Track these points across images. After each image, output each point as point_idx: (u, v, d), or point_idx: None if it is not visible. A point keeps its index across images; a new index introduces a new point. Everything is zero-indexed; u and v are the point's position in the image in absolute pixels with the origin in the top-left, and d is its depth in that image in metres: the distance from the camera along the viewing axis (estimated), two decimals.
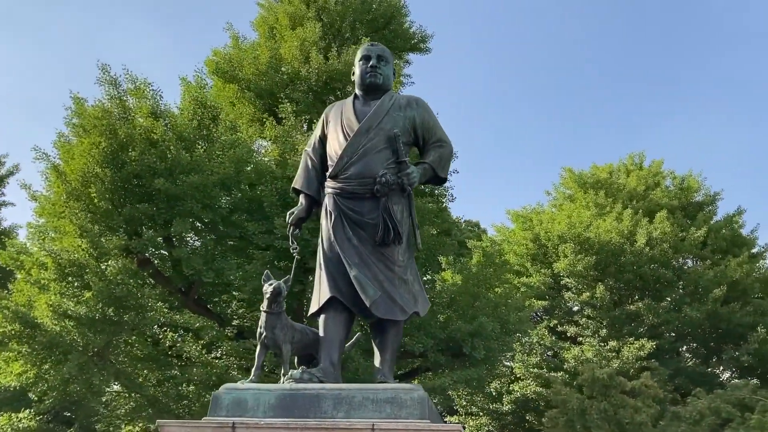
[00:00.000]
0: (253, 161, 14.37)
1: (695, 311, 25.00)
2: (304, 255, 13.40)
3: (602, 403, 15.10)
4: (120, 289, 12.56)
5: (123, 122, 13.88)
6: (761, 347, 23.63)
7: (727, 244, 29.48)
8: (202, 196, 13.43)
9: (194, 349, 13.00)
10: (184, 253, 13.40)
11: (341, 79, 17.46)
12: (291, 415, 6.60)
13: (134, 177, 13.72)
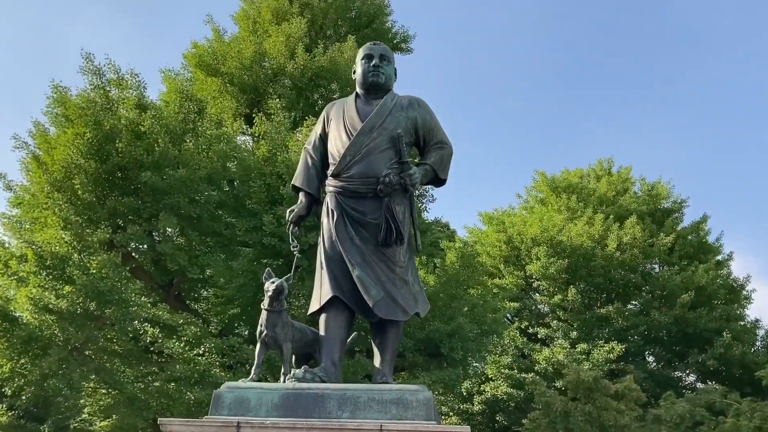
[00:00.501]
0: (240, 157, 14.19)
1: (663, 315, 25.52)
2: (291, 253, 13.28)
3: (587, 406, 15.33)
4: (105, 284, 12.29)
5: (108, 113, 13.59)
6: (726, 352, 24.21)
7: (693, 250, 30.13)
8: (188, 190, 13.23)
9: (177, 345, 12.80)
10: (169, 248, 13.17)
11: (326, 76, 17.38)
12: (295, 414, 6.56)
13: (119, 169, 13.45)
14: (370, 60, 8.31)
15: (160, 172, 13.12)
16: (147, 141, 13.40)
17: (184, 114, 14.30)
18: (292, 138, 14.29)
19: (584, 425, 14.67)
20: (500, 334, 20.15)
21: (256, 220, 13.50)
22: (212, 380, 12.81)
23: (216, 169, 13.70)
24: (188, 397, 13.17)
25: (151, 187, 13.12)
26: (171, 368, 12.93)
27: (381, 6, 21.87)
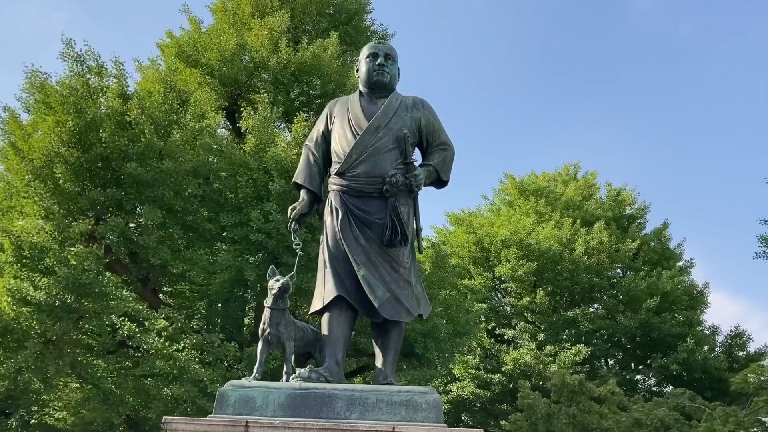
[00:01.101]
0: (226, 151, 13.95)
1: (628, 320, 26.00)
2: (277, 249, 13.16)
3: (571, 408, 15.52)
4: (86, 276, 11.95)
5: (90, 101, 13.21)
6: (689, 357, 24.79)
7: (657, 256, 30.78)
8: (173, 183, 12.94)
9: (156, 341, 12.52)
10: (152, 241, 12.88)
11: (309, 71, 17.20)
12: (302, 414, 6.47)
13: (101, 160, 13.08)
14: (375, 59, 8.26)
15: (144, 163, 12.81)
16: (132, 131, 13.07)
17: (168, 105, 13.99)
18: (279, 134, 14.11)
19: (567, 428, 14.86)
20: (473, 334, 20.29)
21: (242, 215, 13.30)
22: (190, 377, 12.58)
23: (202, 162, 13.44)
24: (165, 393, 12.90)
25: (135, 178, 12.80)
26: (150, 364, 12.65)
27: (362, 3, 21.80)
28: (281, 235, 12.87)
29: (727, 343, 28.83)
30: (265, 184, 13.36)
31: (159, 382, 13.01)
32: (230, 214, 13.42)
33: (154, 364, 12.51)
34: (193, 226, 13.74)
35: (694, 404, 17.03)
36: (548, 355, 24.29)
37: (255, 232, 12.91)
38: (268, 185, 13.21)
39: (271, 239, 13.00)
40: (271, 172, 13.41)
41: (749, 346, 29.16)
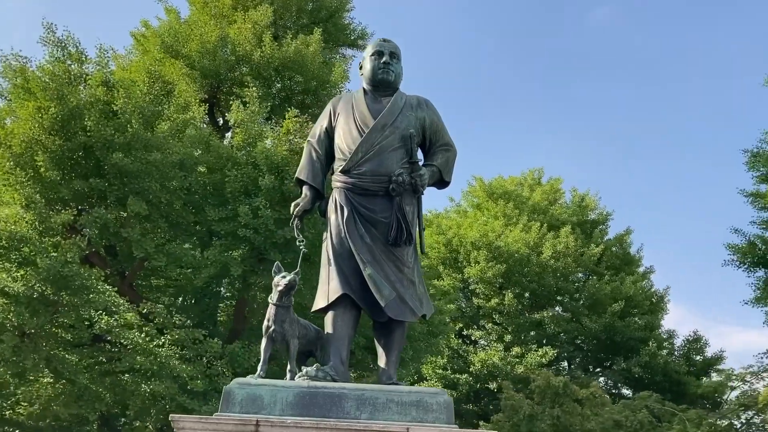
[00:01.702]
0: (215, 145, 13.69)
1: (593, 323, 26.46)
2: (264, 245, 12.97)
3: (555, 410, 15.72)
4: (69, 268, 11.57)
5: (73, 88, 12.81)
6: (651, 360, 25.34)
7: (620, 261, 31.41)
8: (159, 175, 12.63)
9: (137, 335, 12.19)
10: (136, 233, 12.54)
11: (293, 67, 17.00)
12: (311, 414, 6.40)
13: (85, 149, 12.67)
14: (380, 57, 8.22)
15: (130, 154, 12.46)
16: (118, 121, 12.70)
17: (153, 95, 13.65)
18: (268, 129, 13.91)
19: (549, 429, 15.04)
20: (446, 335, 20.39)
21: (229, 210, 13.07)
22: (170, 373, 12.30)
23: (189, 154, 13.15)
24: (143, 390, 12.58)
25: (120, 169, 12.45)
26: (129, 359, 12.32)
27: (343, 1, 21.70)
28: (269, 231, 12.70)
29: (685, 348, 29.57)
30: (254, 179, 13.16)
31: (137, 378, 12.69)
32: (217, 209, 13.17)
33: (134, 360, 12.20)
34: (177, 219, 13.46)
35: (664, 407, 17.43)
36: (515, 356, 24.56)
37: (243, 228, 12.71)
38: (258, 180, 13.02)
39: (259, 235, 12.82)
40: (260, 167, 13.23)
41: (706, 351, 29.92)
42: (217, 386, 12.54)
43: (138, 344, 12.06)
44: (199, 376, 12.46)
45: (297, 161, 13.57)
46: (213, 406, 12.20)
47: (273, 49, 16.86)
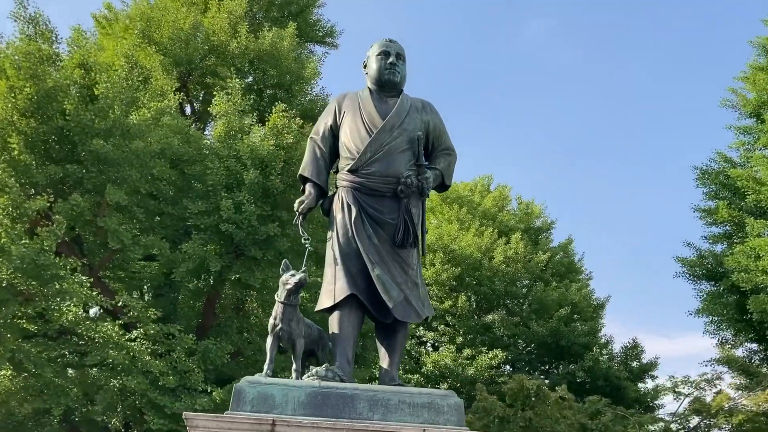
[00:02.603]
0: (196, 136, 13.36)
1: (540, 327, 27.07)
2: (245, 241, 12.74)
3: (527, 412, 16.00)
4: (45, 257, 11.07)
5: (49, 68, 12.26)
6: (594, 365, 26.11)
7: (564, 269, 32.24)
8: (139, 164, 12.23)
9: (110, 329, 11.76)
10: (113, 224, 12.10)
11: (268, 60, 16.74)
12: (324, 414, 6.40)
13: (61, 133, 12.14)
14: (387, 57, 8.25)
15: (110, 141, 12.00)
16: (98, 105, 12.22)
17: (131, 81, 13.19)
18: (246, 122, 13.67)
19: (520, 431, 15.32)
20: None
21: (209, 204, 12.78)
22: (141, 368, 11.92)
23: (170, 144, 12.79)
24: (112, 385, 12.16)
25: (98, 156, 11.98)
26: (100, 353, 11.87)
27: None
28: (252, 227, 12.49)
29: (623, 354, 30.60)
30: (237, 172, 12.92)
31: (105, 372, 12.25)
32: (196, 201, 12.86)
33: (105, 353, 11.77)
34: (155, 211, 13.08)
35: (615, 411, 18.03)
36: (466, 358, 24.89)
37: (225, 222, 12.45)
38: (242, 175, 12.78)
39: (241, 230, 12.59)
40: (243, 161, 12.99)
41: (642, 358, 31.04)
42: (187, 383, 12.32)
43: (110, 338, 11.66)
44: (169, 372, 12.14)
45: (283, 157, 13.48)
46: (185, 403, 11.97)
47: (249, 40, 16.59)
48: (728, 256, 16.75)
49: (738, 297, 17.95)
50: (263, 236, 12.69)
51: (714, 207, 19.95)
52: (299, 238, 14.06)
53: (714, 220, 19.29)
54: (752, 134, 19.21)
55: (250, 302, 14.88)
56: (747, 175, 17.28)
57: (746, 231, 17.15)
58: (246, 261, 13.31)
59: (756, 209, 17.49)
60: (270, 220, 12.87)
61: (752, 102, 18.78)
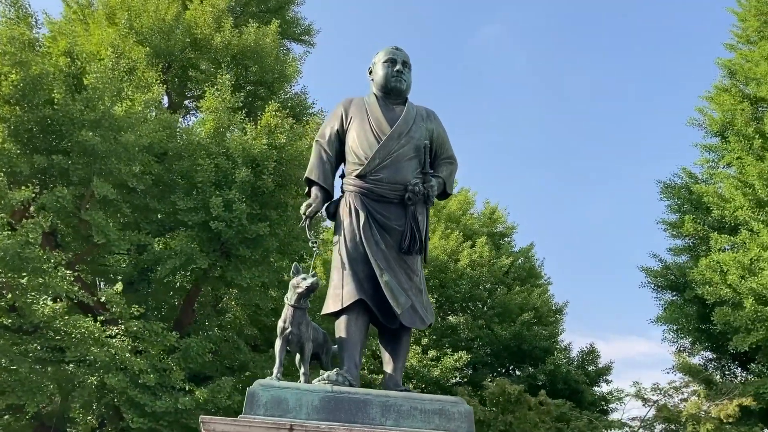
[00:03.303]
0: (184, 130, 13.16)
1: (504, 331, 27.52)
2: (233, 240, 12.61)
3: (508, 416, 16.22)
4: (31, 250, 10.75)
5: (35, 55, 11.90)
6: (555, 369, 26.67)
7: (525, 273, 32.82)
8: (128, 157, 11.97)
9: (92, 325, 11.46)
10: (101, 218, 11.83)
11: (251, 56, 16.59)
12: (337, 418, 6.51)
13: (49, 123, 11.78)
14: (393, 65, 8.41)
15: (99, 132, 11.71)
16: (86, 95, 11.92)
17: (118, 72, 12.89)
18: (235, 118, 13.53)
19: None
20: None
21: (198, 200, 12.60)
22: (120, 365, 11.67)
23: (159, 138, 12.58)
24: (89, 381, 11.88)
25: (85, 147, 11.68)
26: (81, 349, 11.58)
27: None
28: (242, 226, 12.38)
29: (580, 359, 31.31)
30: (227, 170, 12.78)
31: (82, 368, 11.96)
32: (186, 197, 12.68)
33: (86, 350, 11.49)
34: (141, 205, 12.85)
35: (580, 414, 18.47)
36: (431, 359, 25.12)
37: (214, 220, 12.31)
38: (233, 172, 12.64)
39: (230, 229, 12.47)
40: (234, 159, 12.86)
41: (599, 362, 31.79)
42: (167, 381, 12.16)
43: (91, 333, 11.40)
44: (149, 370, 11.94)
45: (275, 157, 13.42)
46: (165, 402, 11.81)
47: (233, 35, 16.42)
48: (692, 268, 17.36)
49: (699, 308, 18.62)
50: (252, 235, 12.63)
51: (678, 220, 20.62)
52: (287, 238, 14.10)
53: (678, 233, 19.93)
54: (716, 152, 19.94)
55: (227, 300, 14.77)
56: (713, 191, 17.93)
57: (710, 245, 17.80)
58: (232, 259, 13.21)
59: (719, 224, 18.15)
60: (259, 219, 12.82)
61: (718, 121, 19.47)
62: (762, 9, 22.34)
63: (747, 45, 23.11)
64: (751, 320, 14.86)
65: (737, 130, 18.47)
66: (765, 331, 14.66)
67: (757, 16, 22.41)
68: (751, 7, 22.80)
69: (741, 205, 16.42)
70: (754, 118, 18.60)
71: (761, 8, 22.36)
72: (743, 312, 15.02)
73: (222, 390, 12.11)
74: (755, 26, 22.46)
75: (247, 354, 14.02)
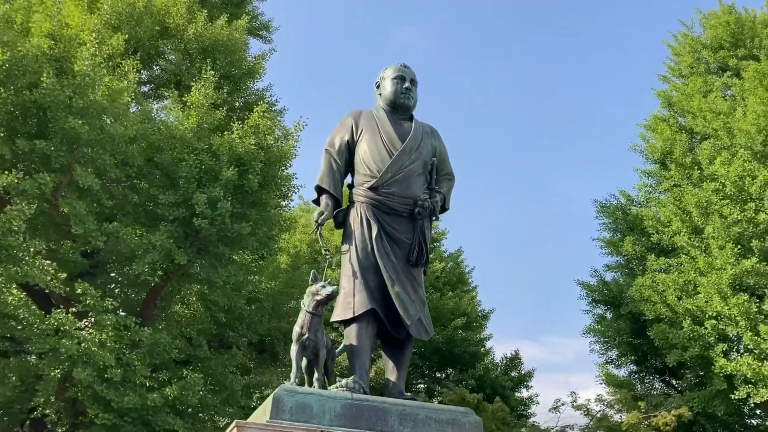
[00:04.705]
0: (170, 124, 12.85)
1: (437, 335, 28.20)
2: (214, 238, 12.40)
3: None
4: (14, 238, 10.25)
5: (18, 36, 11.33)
6: (485, 374, 27.59)
7: (455, 279, 33.73)
8: (112, 147, 11.57)
9: (64, 317, 11.01)
10: (81, 207, 11.38)
11: (222, 50, 16.32)
12: (357, 425, 6.79)
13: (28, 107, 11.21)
14: (402, 82, 8.79)
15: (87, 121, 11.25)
16: (73, 82, 11.43)
17: (100, 58, 12.41)
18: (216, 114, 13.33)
19: None
20: None
21: (178, 195, 12.32)
22: (88, 359, 11.27)
23: (145, 130, 12.24)
24: (53, 375, 11.41)
25: (69, 134, 11.20)
26: (49, 341, 11.09)
27: None
28: (224, 225, 12.24)
29: (504, 364, 32.47)
30: (211, 167, 12.58)
31: (44, 361, 11.47)
32: (167, 192, 12.38)
33: (57, 342, 11.04)
34: (118, 196, 12.48)
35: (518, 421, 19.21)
36: None
37: (199, 217, 12.09)
38: (219, 170, 12.44)
39: (213, 227, 12.29)
40: (219, 156, 12.68)
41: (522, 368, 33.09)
42: (131, 377, 11.88)
43: (62, 325, 10.98)
44: (113, 365, 11.62)
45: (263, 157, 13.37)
46: (132, 398, 11.54)
47: (206, 27, 16.12)
48: (631, 286, 18.44)
49: (631, 323, 19.78)
50: (234, 234, 12.55)
51: (614, 238, 21.80)
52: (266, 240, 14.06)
53: (616, 251, 21.08)
54: (654, 178, 21.23)
55: (188, 295, 14.57)
56: (652, 215, 19.11)
57: (645, 265, 18.96)
58: (209, 257, 13.07)
59: (655, 246, 19.34)
60: (243, 218, 12.75)
61: (658, 149, 20.73)
62: (695, 47, 23.91)
63: (680, 78, 24.66)
64: (687, 338, 16.00)
65: (675, 159, 19.74)
66: (699, 349, 15.81)
67: (691, 53, 23.95)
68: (686, 44, 24.35)
69: (678, 230, 17.60)
70: (690, 149, 19.93)
71: (695, 46, 23.93)
72: (681, 331, 16.13)
73: (191, 387, 11.98)
74: (689, 62, 23.99)
75: (206, 351, 13.90)
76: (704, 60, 23.39)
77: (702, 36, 23.79)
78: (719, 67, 23.20)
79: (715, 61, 22.84)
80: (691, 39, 24.20)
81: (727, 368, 14.84)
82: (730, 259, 15.59)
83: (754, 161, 16.97)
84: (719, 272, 15.56)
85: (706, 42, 23.20)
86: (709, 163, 18.36)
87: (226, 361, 13.85)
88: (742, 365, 14.49)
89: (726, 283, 15.32)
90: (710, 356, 15.65)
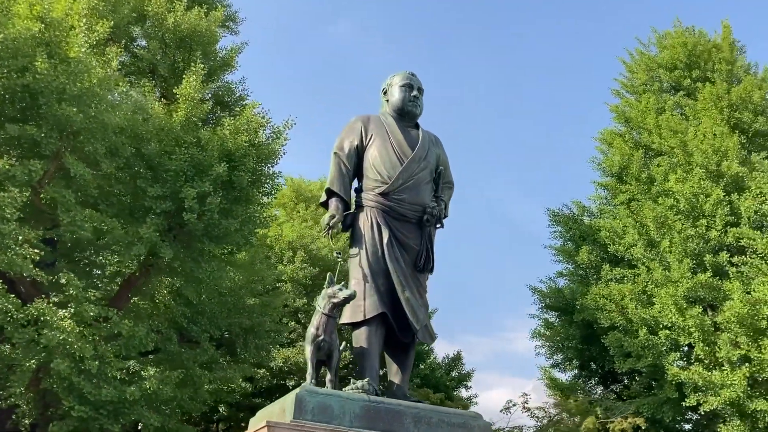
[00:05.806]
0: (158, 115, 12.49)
1: None
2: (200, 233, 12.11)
3: None
4: (7, 226, 9.75)
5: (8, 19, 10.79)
6: (430, 374, 28.17)
7: None
8: (103, 137, 11.18)
9: (47, 307, 10.53)
10: (68, 197, 10.94)
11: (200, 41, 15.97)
12: (376, 427, 6.99)
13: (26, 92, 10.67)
14: (411, 90, 9.09)
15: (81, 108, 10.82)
16: (67, 68, 10.97)
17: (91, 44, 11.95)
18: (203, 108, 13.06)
19: None
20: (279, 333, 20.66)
21: (166, 189, 12.01)
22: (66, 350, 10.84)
23: (134, 121, 11.88)
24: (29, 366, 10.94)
25: (59, 121, 10.74)
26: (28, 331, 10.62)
27: None
28: (213, 220, 12.02)
29: (447, 364, 33.13)
30: (200, 161, 12.33)
31: (18, 351, 10.97)
32: (156, 185, 12.06)
33: (37, 332, 10.60)
34: (105, 186, 12.07)
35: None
36: None
37: (188, 212, 11.82)
38: (209, 165, 12.20)
39: (200, 222, 12.05)
40: (209, 151, 12.44)
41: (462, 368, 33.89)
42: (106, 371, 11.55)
43: (42, 314, 10.56)
44: (89, 357, 11.27)
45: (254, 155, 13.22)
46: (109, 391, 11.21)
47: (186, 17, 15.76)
48: (586, 294, 19.07)
49: (582, 330, 20.45)
50: (222, 231, 12.37)
51: (566, 246, 22.46)
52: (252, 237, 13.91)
53: (569, 259, 21.73)
54: (610, 191, 21.97)
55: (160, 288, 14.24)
56: (609, 226, 19.80)
57: (600, 274, 19.65)
58: (192, 252, 12.84)
59: (610, 256, 20.06)
60: (231, 214, 12.59)
61: (616, 164, 21.46)
62: (650, 65, 24.84)
63: (632, 94, 25.56)
64: (641, 347, 16.69)
65: (632, 174, 20.51)
66: (653, 357, 16.52)
67: (646, 71, 24.87)
68: (642, 62, 25.26)
69: (634, 242, 18.34)
70: (646, 165, 20.73)
71: (650, 64, 24.86)
72: (636, 339, 16.82)
73: (169, 382, 11.76)
74: (643, 79, 24.90)
75: (176, 344, 13.67)
76: (658, 78, 24.29)
77: (657, 55, 24.68)
78: (672, 87, 24.17)
79: (669, 81, 23.77)
80: (647, 57, 25.09)
81: (679, 376, 15.59)
82: (686, 273, 16.36)
83: (708, 180, 17.84)
84: (675, 285, 16.33)
85: (662, 61, 24.09)
86: (664, 179, 19.18)
87: (197, 356, 13.68)
88: (694, 374, 15.26)
89: (681, 295, 16.09)
90: (662, 365, 16.39)
